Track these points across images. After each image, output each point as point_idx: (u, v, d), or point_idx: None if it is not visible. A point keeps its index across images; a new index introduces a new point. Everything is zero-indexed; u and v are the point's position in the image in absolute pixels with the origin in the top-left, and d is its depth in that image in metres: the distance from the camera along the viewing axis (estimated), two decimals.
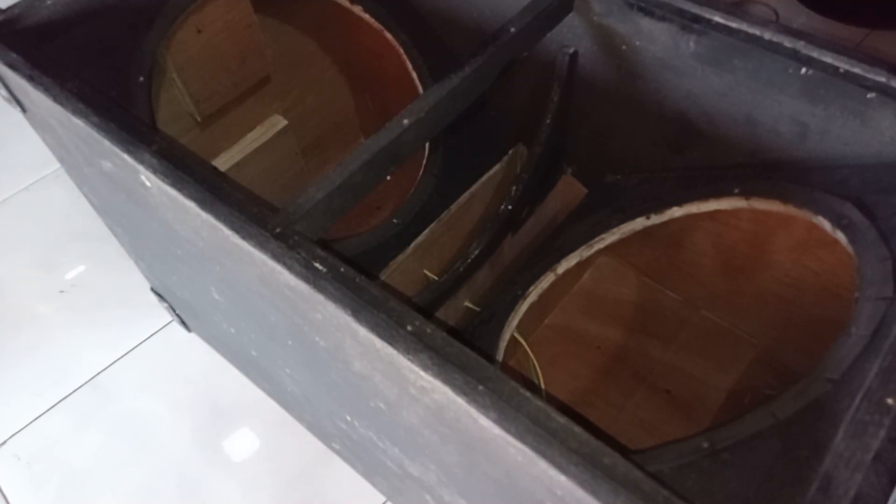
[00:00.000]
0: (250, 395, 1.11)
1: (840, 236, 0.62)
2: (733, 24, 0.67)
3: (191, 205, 0.56)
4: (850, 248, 0.60)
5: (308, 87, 1.17)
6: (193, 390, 1.13)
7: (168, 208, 0.63)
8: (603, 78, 0.81)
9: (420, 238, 0.85)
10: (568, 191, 0.96)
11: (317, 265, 0.51)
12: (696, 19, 0.68)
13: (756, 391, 0.89)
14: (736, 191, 0.72)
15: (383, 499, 1.00)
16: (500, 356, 0.80)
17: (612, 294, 1.02)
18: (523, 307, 0.84)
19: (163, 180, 0.57)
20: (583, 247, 0.84)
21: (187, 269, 0.80)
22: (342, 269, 0.51)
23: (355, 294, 0.49)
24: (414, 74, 0.92)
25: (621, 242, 0.84)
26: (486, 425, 0.43)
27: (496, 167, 0.93)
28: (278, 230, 0.53)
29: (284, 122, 1.12)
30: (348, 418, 0.74)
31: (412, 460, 0.67)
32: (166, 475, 1.05)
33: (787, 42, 0.64)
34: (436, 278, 0.87)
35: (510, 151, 0.95)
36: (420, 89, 0.92)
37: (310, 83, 1.17)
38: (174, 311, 1.13)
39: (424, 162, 0.89)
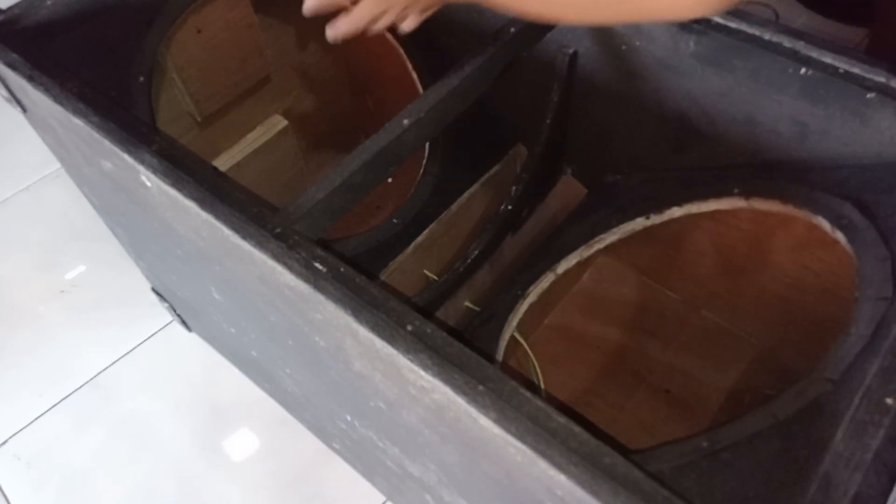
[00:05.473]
0: (250, 395, 1.11)
1: (840, 236, 0.62)
2: (733, 25, 0.67)
3: (191, 204, 0.56)
4: (849, 248, 0.60)
5: (308, 87, 1.17)
6: (193, 390, 1.13)
7: (168, 208, 0.63)
8: (603, 78, 0.81)
9: (420, 238, 0.85)
10: (568, 191, 0.96)
11: (317, 265, 0.51)
12: (696, 19, 0.68)
13: (756, 391, 0.89)
14: (736, 191, 0.72)
15: (383, 499, 1.00)
16: (500, 356, 0.80)
17: (612, 294, 1.02)
18: (523, 307, 0.84)
19: (163, 180, 0.57)
20: (583, 247, 0.84)
21: (187, 268, 0.80)
22: (342, 269, 0.51)
23: (355, 294, 0.49)
24: (414, 74, 0.92)
25: (621, 242, 0.84)
26: (486, 425, 0.43)
27: (496, 167, 0.93)
28: (278, 230, 0.53)
29: (284, 122, 1.12)
30: (348, 418, 0.74)
31: (412, 460, 0.67)
32: (166, 475, 1.05)
33: (787, 42, 0.64)
34: (436, 278, 0.87)
35: (510, 151, 0.95)
36: (420, 89, 0.92)
37: (310, 83, 1.17)
38: (174, 310, 1.14)
39: (424, 162, 0.89)
